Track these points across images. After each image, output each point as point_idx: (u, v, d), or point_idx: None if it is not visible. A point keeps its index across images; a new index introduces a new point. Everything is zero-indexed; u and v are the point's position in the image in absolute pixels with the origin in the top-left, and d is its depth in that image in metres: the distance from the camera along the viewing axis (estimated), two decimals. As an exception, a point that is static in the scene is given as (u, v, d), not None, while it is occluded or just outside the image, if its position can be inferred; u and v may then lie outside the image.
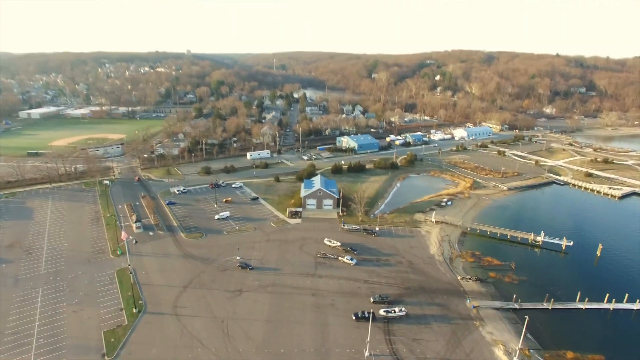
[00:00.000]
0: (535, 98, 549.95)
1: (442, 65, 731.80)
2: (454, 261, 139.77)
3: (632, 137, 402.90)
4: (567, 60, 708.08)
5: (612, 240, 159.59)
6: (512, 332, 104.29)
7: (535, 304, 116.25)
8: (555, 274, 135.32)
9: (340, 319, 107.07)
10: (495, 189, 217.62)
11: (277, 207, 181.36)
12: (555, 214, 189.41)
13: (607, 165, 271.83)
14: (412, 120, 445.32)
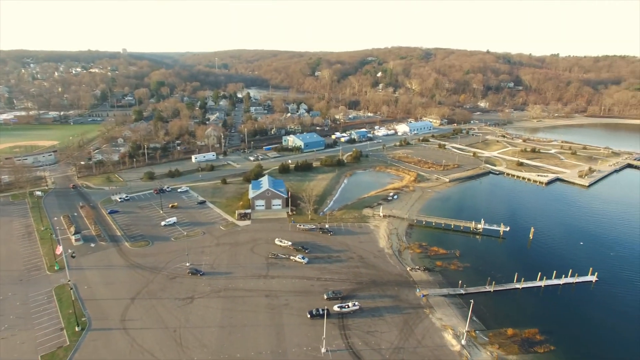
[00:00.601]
0: (470, 93, 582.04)
1: (383, 62, 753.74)
2: (402, 253, 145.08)
3: (553, 127, 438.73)
4: (496, 57, 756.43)
5: (542, 224, 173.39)
6: (459, 317, 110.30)
7: (478, 288, 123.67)
8: (495, 259, 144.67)
9: (295, 318, 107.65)
10: (438, 181, 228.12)
11: (226, 210, 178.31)
12: (493, 202, 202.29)
13: (535, 154, 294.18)
14: (356, 117, 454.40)
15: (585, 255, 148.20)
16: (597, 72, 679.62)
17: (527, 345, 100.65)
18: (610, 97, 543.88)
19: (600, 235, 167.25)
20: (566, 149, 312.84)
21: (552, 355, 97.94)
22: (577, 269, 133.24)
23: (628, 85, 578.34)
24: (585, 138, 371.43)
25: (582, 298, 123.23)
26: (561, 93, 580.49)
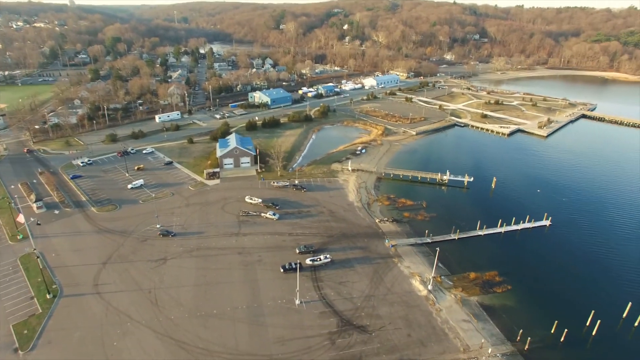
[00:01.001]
0: (436, 45, 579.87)
1: (350, 14, 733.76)
2: (371, 206, 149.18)
3: (516, 79, 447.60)
4: (462, 8, 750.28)
5: (503, 173, 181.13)
6: (426, 264, 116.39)
7: (444, 236, 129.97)
8: (459, 208, 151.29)
9: (268, 273, 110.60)
10: (405, 134, 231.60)
11: (194, 170, 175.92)
12: (458, 154, 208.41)
13: (498, 106, 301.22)
14: (323, 72, 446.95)
15: (541, 201, 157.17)
16: (559, 24, 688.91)
17: (488, 287, 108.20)
18: (569, 49, 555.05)
19: (555, 183, 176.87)
20: (527, 101, 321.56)
21: (509, 294, 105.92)
22: (534, 215, 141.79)
23: (586, 37, 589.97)
24: (545, 90, 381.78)
25: (537, 241, 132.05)
26: (524, 45, 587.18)
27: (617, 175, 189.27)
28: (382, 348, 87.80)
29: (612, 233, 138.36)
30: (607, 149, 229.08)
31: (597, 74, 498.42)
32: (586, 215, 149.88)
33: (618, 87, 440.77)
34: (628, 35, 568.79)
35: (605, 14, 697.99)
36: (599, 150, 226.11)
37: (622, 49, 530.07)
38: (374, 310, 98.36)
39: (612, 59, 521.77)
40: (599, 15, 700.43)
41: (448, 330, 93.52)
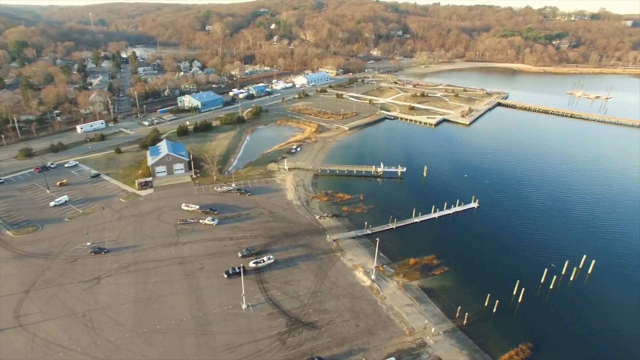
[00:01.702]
0: (363, 42, 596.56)
1: (276, 14, 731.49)
2: (310, 203, 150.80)
3: (438, 72, 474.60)
4: (385, 6, 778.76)
5: (433, 162, 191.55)
6: (367, 255, 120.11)
7: (382, 226, 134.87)
8: (395, 198, 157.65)
9: (212, 280, 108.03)
10: (338, 130, 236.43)
11: (124, 181, 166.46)
12: (390, 146, 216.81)
13: (424, 98, 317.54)
14: (252, 72, 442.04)
15: (468, 185, 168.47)
16: (472, 20, 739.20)
17: (427, 270, 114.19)
18: (482, 43, 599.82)
19: (479, 167, 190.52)
20: (450, 92, 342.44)
21: (446, 275, 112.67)
22: (463, 199, 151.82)
23: (495, 32, 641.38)
24: (465, 81, 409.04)
25: (467, 222, 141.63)
26: (444, 40, 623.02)
27: (532, 157, 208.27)
28: (332, 342, 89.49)
29: (531, 209, 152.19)
30: (520, 133, 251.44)
31: (506, 65, 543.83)
32: (508, 194, 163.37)
33: (524, 77, 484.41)
34: (528, 31, 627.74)
35: (508, 12, 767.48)
36: (514, 135, 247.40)
37: (524, 43, 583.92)
38: (321, 305, 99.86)
39: (518, 52, 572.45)
40: (503, 12, 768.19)
41: (393, 316, 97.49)
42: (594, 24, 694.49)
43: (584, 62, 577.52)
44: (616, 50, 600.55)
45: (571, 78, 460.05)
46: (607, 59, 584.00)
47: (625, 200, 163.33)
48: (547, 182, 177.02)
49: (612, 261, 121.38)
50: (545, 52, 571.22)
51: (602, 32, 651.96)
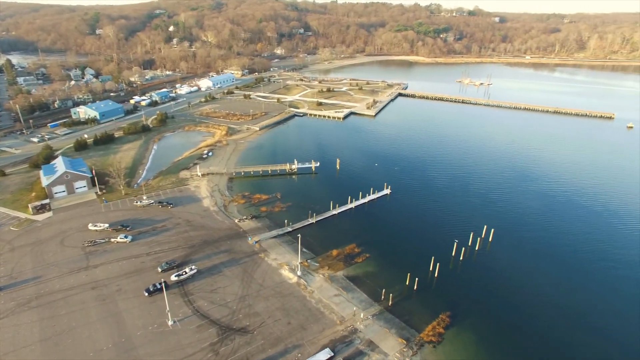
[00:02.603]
0: (266, 41, 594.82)
1: (174, 15, 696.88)
2: (228, 207, 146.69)
3: (342, 67, 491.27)
4: (285, 5, 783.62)
5: (345, 154, 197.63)
6: (291, 252, 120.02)
7: (303, 222, 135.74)
8: (312, 193, 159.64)
9: (132, 301, 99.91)
10: (249, 131, 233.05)
11: (14, 207, 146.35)
12: (302, 142, 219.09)
13: (331, 93, 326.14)
14: (154, 77, 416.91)
15: (380, 173, 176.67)
16: (368, 17, 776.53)
17: (350, 259, 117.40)
18: (379, 38, 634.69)
19: (388, 155, 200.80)
20: (354, 86, 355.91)
21: (368, 261, 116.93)
22: (376, 186, 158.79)
23: (390, 27, 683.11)
24: (367, 74, 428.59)
25: (382, 209, 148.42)
26: (344, 36, 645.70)
27: (433, 141, 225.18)
28: (266, 343, 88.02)
29: (437, 189, 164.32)
30: (421, 120, 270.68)
31: (403, 58, 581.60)
32: (416, 178, 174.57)
33: (419, 68, 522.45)
34: (418, 26, 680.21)
35: (400, 8, 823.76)
36: (416, 122, 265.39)
37: (417, 37, 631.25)
38: (250, 309, 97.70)
39: (412, 45, 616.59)
40: (395, 9, 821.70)
41: (323, 308, 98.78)
42: (471, 20, 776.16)
43: (468, 53, 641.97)
44: (491, 42, 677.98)
45: (459, 67, 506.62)
46: (485, 50, 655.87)
47: (511, 172, 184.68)
48: (448, 163, 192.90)
49: (507, 227, 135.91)
50: (435, 45, 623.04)
51: (478, 26, 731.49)
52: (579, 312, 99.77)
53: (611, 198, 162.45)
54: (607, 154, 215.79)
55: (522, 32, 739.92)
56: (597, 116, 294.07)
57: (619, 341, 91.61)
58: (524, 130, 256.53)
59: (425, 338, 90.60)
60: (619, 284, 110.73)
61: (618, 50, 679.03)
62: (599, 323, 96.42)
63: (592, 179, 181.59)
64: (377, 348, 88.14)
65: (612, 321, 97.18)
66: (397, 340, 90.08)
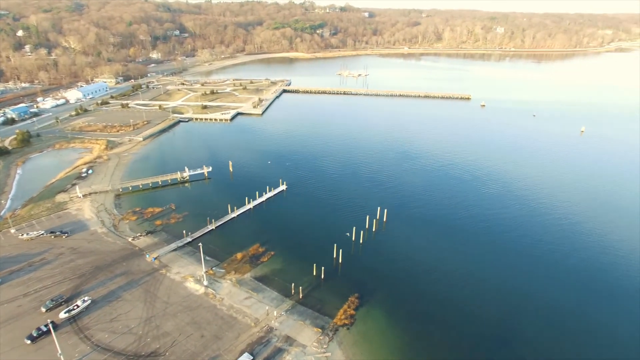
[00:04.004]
0: (139, 45, 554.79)
1: (21, 17, 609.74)
2: (118, 226, 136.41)
3: (223, 68, 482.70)
4: (156, 5, 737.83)
5: (236, 155, 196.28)
6: (194, 263, 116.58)
7: (202, 230, 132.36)
8: (207, 199, 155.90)
9: (11, 354, 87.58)
10: (132, 143, 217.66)
11: None
12: (191, 148, 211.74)
13: (215, 95, 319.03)
14: (5, 92, 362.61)
15: (274, 170, 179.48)
16: (245, 16, 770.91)
17: (255, 260, 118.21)
18: (258, 37, 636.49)
19: (279, 152, 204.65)
20: (238, 86, 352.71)
21: (274, 258, 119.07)
22: (272, 184, 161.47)
23: (267, 25, 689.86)
24: (250, 73, 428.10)
25: (280, 205, 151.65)
26: (222, 36, 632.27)
27: (320, 133, 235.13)
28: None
29: (329, 178, 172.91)
30: (308, 114, 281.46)
31: (283, 55, 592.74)
32: (308, 170, 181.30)
33: (300, 64, 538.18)
34: (295, 23, 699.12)
35: (276, 7, 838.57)
36: (303, 116, 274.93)
37: (295, 34, 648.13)
38: (159, 330, 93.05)
39: (290, 42, 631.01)
40: (271, 7, 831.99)
41: (235, 314, 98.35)
42: (343, 15, 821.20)
43: (344, 47, 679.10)
44: (363, 36, 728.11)
45: (337, 61, 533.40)
46: (359, 43, 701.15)
47: (394, 154, 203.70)
48: (337, 152, 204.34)
49: (397, 205, 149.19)
50: (313, 41, 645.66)
51: (350, 21, 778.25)
52: (468, 273, 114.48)
53: (475, 164, 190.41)
54: (468, 129, 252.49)
55: (390, 26, 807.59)
56: (458, 97, 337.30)
57: (498, 293, 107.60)
58: (401, 114, 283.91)
59: (339, 322, 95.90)
60: (494, 240, 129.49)
61: (466, 40, 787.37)
62: (482, 276, 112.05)
63: (460, 150, 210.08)
64: (295, 342, 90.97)
65: (493, 275, 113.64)
66: (312, 330, 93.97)
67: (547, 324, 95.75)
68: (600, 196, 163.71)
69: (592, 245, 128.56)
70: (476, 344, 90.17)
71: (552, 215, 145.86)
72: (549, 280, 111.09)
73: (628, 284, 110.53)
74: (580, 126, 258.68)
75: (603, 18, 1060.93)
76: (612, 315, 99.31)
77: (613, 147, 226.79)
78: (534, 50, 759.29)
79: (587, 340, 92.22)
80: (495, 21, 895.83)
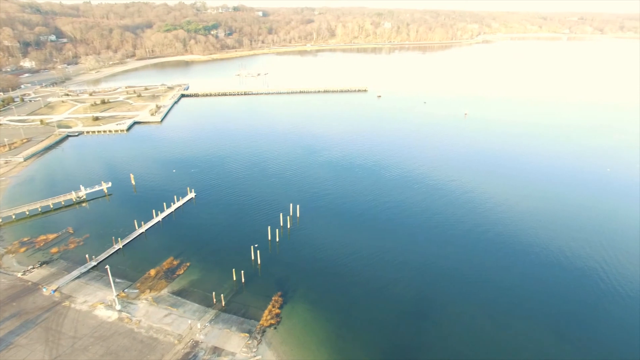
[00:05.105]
0: (5, 52, 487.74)
1: None
2: (1, 263, 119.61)
3: (113, 75, 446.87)
4: (21, 7, 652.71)
5: (138, 167, 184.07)
6: (103, 288, 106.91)
7: (108, 251, 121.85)
8: (110, 217, 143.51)
9: None
10: (10, 164, 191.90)
11: None
12: (86, 165, 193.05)
13: (106, 105, 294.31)
14: None
15: (180, 179, 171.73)
16: (131, 18, 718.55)
17: (171, 274, 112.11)
18: (149, 40, 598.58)
19: (183, 159, 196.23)
20: (132, 93, 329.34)
21: (191, 269, 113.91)
22: (179, 193, 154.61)
23: (158, 28, 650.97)
24: (144, 79, 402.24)
25: (190, 214, 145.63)
26: (108, 41, 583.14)
27: (223, 136, 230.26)
28: (94, 397, 77.86)
29: (238, 179, 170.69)
30: (209, 118, 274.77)
31: (178, 58, 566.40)
32: (216, 175, 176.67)
33: (197, 67, 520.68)
34: (187, 24, 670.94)
35: (165, 8, 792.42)
36: (204, 120, 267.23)
37: (188, 36, 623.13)
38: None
39: (184, 44, 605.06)
40: (160, 8, 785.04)
41: (156, 334, 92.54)
42: (237, 15, 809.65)
43: (241, 47, 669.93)
44: (259, 35, 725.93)
45: (235, 61, 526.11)
46: (256, 42, 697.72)
47: (299, 148, 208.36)
48: (244, 153, 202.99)
49: (308, 199, 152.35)
50: (208, 42, 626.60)
51: (245, 21, 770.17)
52: (383, 255, 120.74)
53: (376, 151, 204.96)
54: (367, 119, 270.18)
55: (284, 24, 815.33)
56: (356, 90, 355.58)
57: (415, 271, 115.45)
58: (304, 110, 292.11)
59: (265, 323, 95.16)
60: (401, 220, 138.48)
61: (358, 35, 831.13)
62: (397, 257, 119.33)
63: (361, 140, 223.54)
64: (223, 351, 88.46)
65: (407, 254, 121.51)
66: (239, 336, 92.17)
67: (462, 297, 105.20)
68: (483, 167, 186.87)
69: (476, 207, 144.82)
70: (398, 323, 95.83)
71: (448, 189, 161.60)
72: (456, 248, 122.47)
73: (493, 246, 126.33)
74: (464, 110, 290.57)
75: (470, 14, 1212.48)
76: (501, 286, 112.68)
77: (491, 125, 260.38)
78: (418, 42, 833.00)
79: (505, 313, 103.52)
80: (383, 17, 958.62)
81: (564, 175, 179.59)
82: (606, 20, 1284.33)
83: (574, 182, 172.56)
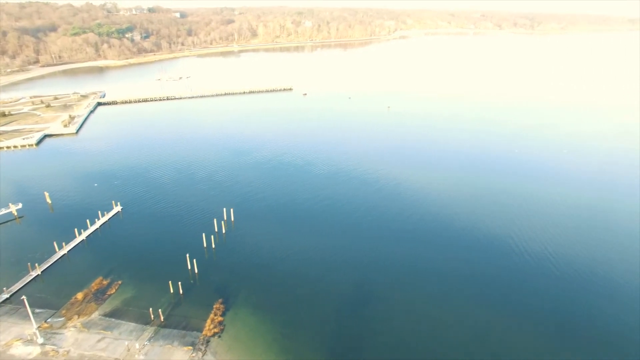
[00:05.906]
0: None
1: None
2: None
3: (14, 84, 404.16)
4: None
5: (53, 184, 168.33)
6: (20, 322, 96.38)
7: (23, 279, 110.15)
8: (23, 241, 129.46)
9: None
10: None
11: None
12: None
13: (8, 118, 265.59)
14: None
15: (103, 193, 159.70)
16: (30, 19, 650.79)
17: (101, 295, 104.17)
18: (55, 44, 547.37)
19: (106, 171, 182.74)
20: (39, 104, 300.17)
21: (123, 287, 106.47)
22: (104, 208, 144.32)
23: (64, 31, 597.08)
24: (53, 88, 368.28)
25: (118, 228, 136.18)
26: (2, 46, 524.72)
27: (149, 143, 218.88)
28: None
29: (165, 188, 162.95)
30: (131, 126, 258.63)
31: (91, 64, 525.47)
32: (142, 185, 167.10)
33: (113, 72, 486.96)
34: (98, 27, 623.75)
35: (70, 9, 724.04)
36: (126, 129, 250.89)
37: (100, 39, 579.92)
38: (-18, 414, 75.20)
39: (96, 49, 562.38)
40: (64, 9, 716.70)
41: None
42: (153, 16, 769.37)
43: (159, 50, 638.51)
44: (178, 37, 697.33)
45: (154, 65, 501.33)
46: (175, 45, 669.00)
47: (226, 151, 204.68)
48: (169, 160, 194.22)
49: (242, 203, 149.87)
50: (123, 46, 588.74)
51: (162, 22, 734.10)
52: (319, 251, 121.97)
53: (305, 148, 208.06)
54: (294, 117, 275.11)
55: (204, 25, 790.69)
56: (281, 89, 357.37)
57: (353, 264, 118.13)
58: (230, 112, 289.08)
59: (209, 333, 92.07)
60: (333, 213, 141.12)
61: (279, 35, 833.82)
62: (334, 251, 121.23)
63: (289, 138, 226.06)
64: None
65: (344, 248, 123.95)
66: (183, 350, 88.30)
67: (403, 287, 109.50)
68: (404, 154, 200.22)
69: (407, 197, 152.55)
70: (341, 317, 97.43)
71: (380, 181, 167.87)
72: (393, 240, 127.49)
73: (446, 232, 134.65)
74: (387, 104, 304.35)
75: (387, 12, 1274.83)
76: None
77: (411, 118, 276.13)
78: (339, 40, 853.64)
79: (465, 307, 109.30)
80: (303, 15, 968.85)
81: (480, 161, 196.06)
82: (503, 17, 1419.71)
83: (488, 166, 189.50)
